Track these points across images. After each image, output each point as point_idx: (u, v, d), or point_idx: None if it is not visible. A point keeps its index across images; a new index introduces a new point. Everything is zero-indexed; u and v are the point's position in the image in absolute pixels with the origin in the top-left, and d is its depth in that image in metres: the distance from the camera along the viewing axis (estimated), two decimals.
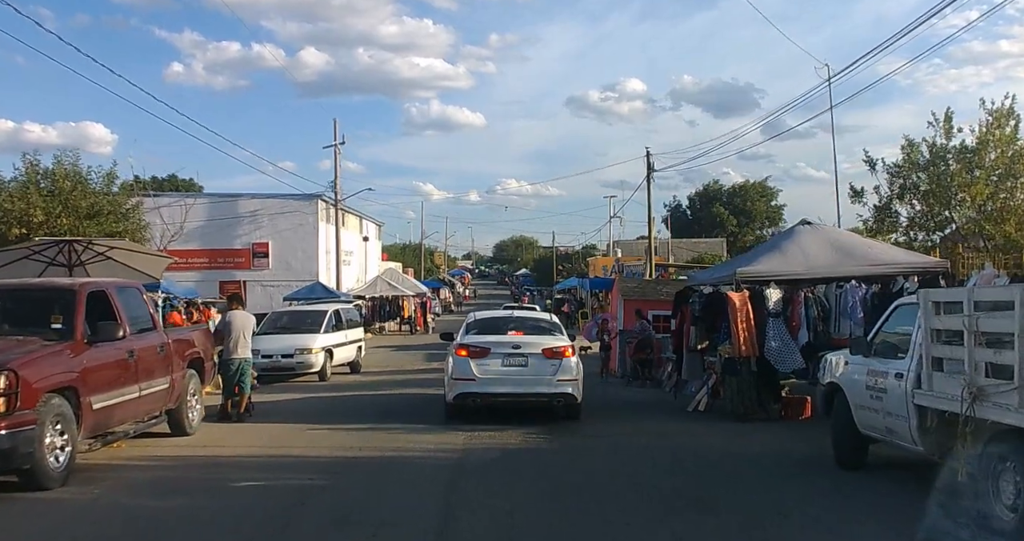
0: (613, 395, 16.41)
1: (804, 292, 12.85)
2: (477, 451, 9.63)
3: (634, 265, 46.14)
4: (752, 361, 12.43)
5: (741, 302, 12.43)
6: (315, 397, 15.89)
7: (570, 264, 76.02)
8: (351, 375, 21.28)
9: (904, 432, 7.36)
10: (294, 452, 9.74)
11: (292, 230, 40.58)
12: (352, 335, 21.74)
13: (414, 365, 23.71)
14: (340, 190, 39.57)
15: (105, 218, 20.95)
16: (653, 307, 20.36)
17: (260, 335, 20.05)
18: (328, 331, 20.30)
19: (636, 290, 21.05)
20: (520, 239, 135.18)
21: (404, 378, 20.24)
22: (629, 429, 11.69)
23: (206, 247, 40.54)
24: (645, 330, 19.17)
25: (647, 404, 14.84)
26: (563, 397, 11.88)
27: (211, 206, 40.74)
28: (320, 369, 19.38)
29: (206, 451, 9.73)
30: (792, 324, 12.73)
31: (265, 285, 40.06)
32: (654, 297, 20.81)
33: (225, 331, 12.76)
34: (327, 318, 20.49)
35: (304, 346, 19.24)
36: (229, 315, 13.14)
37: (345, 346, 21.03)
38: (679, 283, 22.07)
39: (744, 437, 10.83)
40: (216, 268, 40.55)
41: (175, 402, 10.42)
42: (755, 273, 12.65)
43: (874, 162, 19.53)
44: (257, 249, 40.78)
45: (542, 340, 12.26)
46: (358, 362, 22.11)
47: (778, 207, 77.87)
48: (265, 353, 19.05)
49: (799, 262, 12.79)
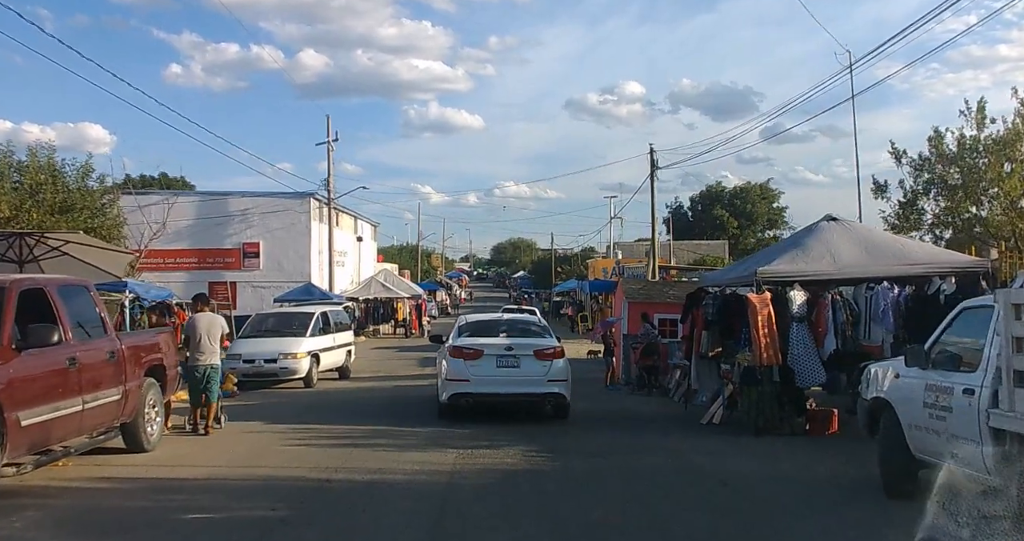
0: (618, 405, 15.25)
1: (831, 294, 11.68)
2: (468, 475, 8.45)
3: (635, 267, 44.97)
4: (774, 370, 11.27)
5: (762, 305, 11.27)
6: (297, 406, 14.70)
7: (569, 266, 74.80)
8: (339, 381, 20.12)
9: (974, 458, 6.17)
10: (261, 473, 8.55)
11: (284, 229, 39.36)
12: (341, 339, 20.57)
13: (406, 370, 22.53)
14: (333, 189, 38.36)
15: (78, 214, 19.73)
16: (659, 310, 19.20)
17: (243, 338, 18.99)
18: (315, 335, 19.13)
19: (641, 292, 19.89)
20: (518, 241, 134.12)
21: (394, 385, 19.08)
22: (639, 446, 10.50)
23: (195, 247, 39.36)
24: (650, 334, 18.01)
25: (655, 415, 13.68)
26: (554, 397, 12.20)
27: (200, 204, 39.56)
28: (305, 375, 18.22)
29: (161, 472, 8.54)
30: (818, 330, 11.57)
31: (256, 286, 38.84)
32: (660, 300, 19.65)
33: (189, 334, 11.60)
34: (314, 321, 19.31)
35: (288, 351, 18.06)
36: (193, 317, 11.96)
37: (333, 350, 19.85)
38: (687, 285, 20.92)
39: (770, 457, 9.66)
40: (205, 268, 39.30)
41: (130, 415, 9.23)
42: (778, 273, 11.49)
43: (900, 154, 18.33)
44: (248, 249, 39.56)
45: (533, 342, 12.56)
46: (347, 367, 20.94)
47: (780, 209, 76.78)
48: (247, 358, 17.94)
49: (826, 261, 11.63)
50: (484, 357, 12.06)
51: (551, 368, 12.14)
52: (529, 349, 12.21)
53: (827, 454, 9.77)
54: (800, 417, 11.47)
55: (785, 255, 11.99)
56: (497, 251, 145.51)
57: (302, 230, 39.51)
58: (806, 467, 8.98)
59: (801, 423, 11.45)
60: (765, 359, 11.16)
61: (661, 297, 19.75)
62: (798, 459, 9.47)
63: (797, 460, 9.38)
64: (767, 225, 74.99)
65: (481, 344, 12.34)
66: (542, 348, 12.33)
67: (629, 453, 9.92)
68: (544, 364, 12.12)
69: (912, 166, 17.99)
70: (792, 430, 11.31)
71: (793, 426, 11.38)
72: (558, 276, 72.08)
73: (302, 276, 38.47)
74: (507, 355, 12.12)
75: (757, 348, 11.18)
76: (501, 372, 12.04)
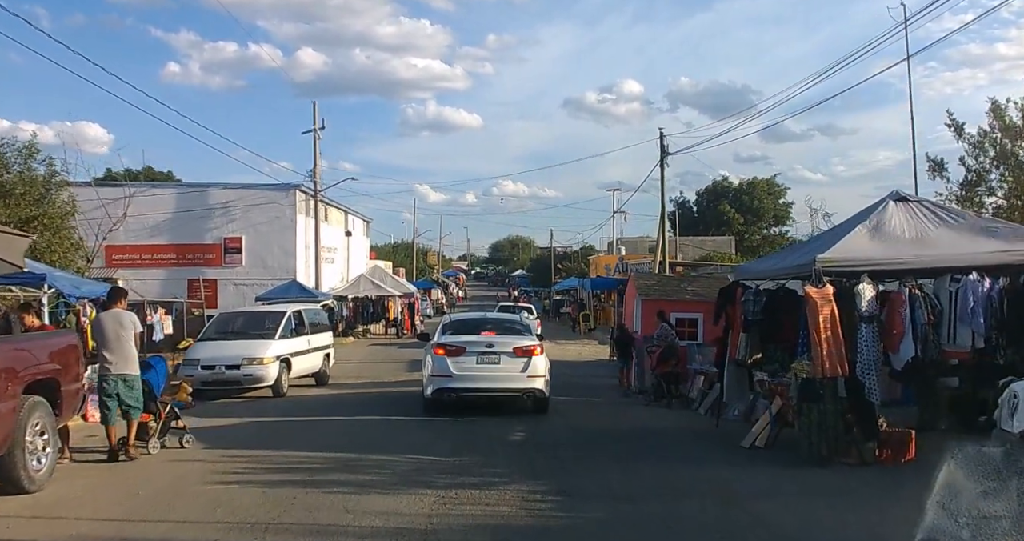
0: (636, 420, 12.93)
1: (908, 287, 9.35)
2: (448, 533, 6.11)
3: (640, 263, 42.59)
4: (839, 383, 8.97)
5: (823, 301, 8.96)
6: (254, 422, 12.37)
7: (570, 263, 72.40)
8: (315, 389, 17.79)
9: None
10: (158, 532, 6.21)
11: (268, 223, 36.99)
12: (317, 341, 18.22)
13: (392, 375, 20.18)
14: (320, 181, 35.99)
15: (17, 200, 17.37)
16: (676, 308, 16.93)
17: (203, 341, 16.67)
18: (285, 336, 16.79)
19: (656, 288, 17.58)
20: (516, 239, 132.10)
21: (376, 393, 16.77)
22: (674, 482, 8.17)
23: (173, 242, 37.04)
24: (668, 336, 15.70)
25: (683, 434, 11.35)
26: (532, 392, 12.66)
27: (179, 197, 37.29)
28: (274, 383, 15.89)
29: (28, 528, 6.22)
30: (892, 332, 9.26)
31: (238, 284, 36.51)
32: (677, 296, 17.36)
33: (95, 337, 9.30)
34: (284, 321, 16.96)
35: (253, 355, 15.72)
36: (99, 316, 9.68)
37: (307, 354, 17.50)
38: (706, 281, 18.62)
39: (846, 498, 7.35)
40: (184, 265, 37.00)
41: (1, 447, 6.92)
42: (844, 261, 9.18)
43: (960, 127, 16.00)
44: (229, 244, 37.19)
45: (513, 340, 12.95)
46: (325, 373, 18.60)
47: (786, 205, 74.52)
48: (206, 363, 15.64)
49: (901, 247, 9.35)
50: (466, 354, 12.53)
51: (529, 364, 12.54)
52: (509, 346, 12.63)
53: (914, 490, 7.46)
54: (871, 441, 9.14)
55: (848, 239, 9.66)
56: (495, 249, 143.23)
57: (287, 224, 37.15)
58: (896, 515, 6.65)
59: (872, 448, 9.13)
60: (828, 369, 8.86)
61: (678, 293, 17.45)
62: (882, 500, 7.16)
63: (881, 501, 7.06)
64: (773, 221, 72.78)
65: (463, 341, 12.82)
66: (521, 345, 12.73)
67: (662, 494, 7.58)
68: (523, 361, 12.54)
69: (970, 143, 15.62)
70: (862, 457, 8.99)
71: (863, 453, 9.05)
72: (558, 274, 69.69)
73: (287, 273, 36.14)
74: (487, 352, 12.58)
75: (818, 355, 8.87)
76: (482, 368, 12.50)
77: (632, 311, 17.52)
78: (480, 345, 12.68)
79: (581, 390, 17.57)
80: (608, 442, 10.57)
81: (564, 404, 14.90)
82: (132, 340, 9.09)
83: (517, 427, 11.67)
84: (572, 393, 17.00)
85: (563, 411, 13.93)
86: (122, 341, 9.00)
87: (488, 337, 13.06)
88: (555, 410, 13.73)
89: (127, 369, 9.03)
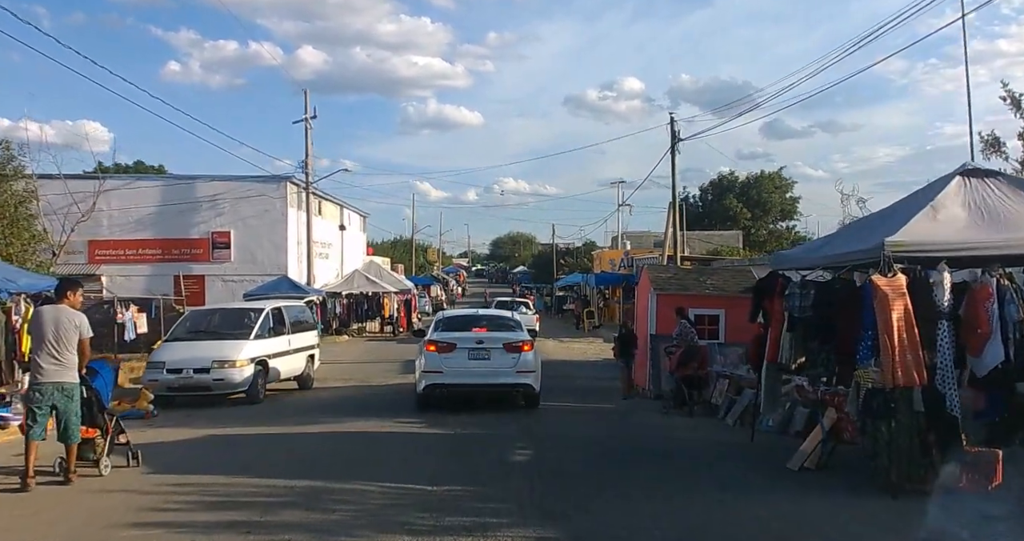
0: (655, 431, 11.30)
1: (995, 276, 7.69)
2: None
3: (646, 258, 40.90)
4: (915, 394, 7.33)
5: (895, 295, 7.30)
6: (214, 436, 10.72)
7: (572, 259, 70.64)
8: (297, 393, 16.22)
9: None
10: None
11: (257, 217, 35.37)
12: (299, 341, 16.58)
13: (383, 378, 18.57)
14: (312, 172, 34.32)
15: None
16: (695, 304, 15.31)
17: (170, 342, 15.07)
18: (263, 336, 15.16)
19: (673, 282, 15.92)
20: (517, 236, 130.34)
21: (363, 398, 15.18)
22: (722, 520, 6.52)
23: (159, 236, 35.45)
24: (688, 335, 14.08)
25: (715, 451, 9.71)
26: (522, 387, 12.81)
27: (165, 190, 35.64)
28: (248, 388, 14.29)
29: None
30: (976, 332, 7.60)
31: (226, 280, 34.93)
32: (697, 291, 15.72)
33: (32, 336, 7.70)
34: (262, 320, 15.32)
35: (224, 357, 14.10)
36: (38, 310, 8.06)
37: (288, 356, 15.88)
38: (728, 273, 16.98)
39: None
40: (171, 260, 35.43)
41: None
42: (918, 246, 7.51)
43: (1018, 100, 14.27)
44: (217, 239, 35.56)
45: (503, 335, 13.03)
46: (309, 376, 17.00)
47: (793, 199, 72.78)
48: (172, 367, 14.04)
49: (984, 229, 7.69)
50: (457, 350, 12.66)
51: (519, 360, 12.64)
52: (499, 342, 12.74)
53: (1012, 524, 5.83)
54: (953, 464, 7.48)
55: (916, 221, 7.97)
56: (496, 246, 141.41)
57: (277, 217, 35.52)
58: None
59: (954, 472, 7.47)
60: (901, 378, 7.21)
61: (697, 287, 15.81)
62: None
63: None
64: (780, 216, 71.09)
65: (454, 338, 12.90)
66: (511, 341, 12.81)
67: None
68: (513, 356, 12.64)
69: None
70: (942, 484, 7.33)
71: (944, 478, 7.40)
72: (560, 269, 67.97)
73: (278, 269, 34.57)
74: (478, 348, 12.70)
75: (888, 361, 7.21)
76: (473, 364, 12.61)
77: (646, 307, 15.89)
78: (470, 341, 12.79)
79: (589, 394, 15.95)
80: (629, 463, 8.94)
81: (572, 412, 13.29)
82: (75, 344, 7.47)
83: (518, 443, 10.07)
84: (580, 397, 15.37)
85: (571, 421, 12.35)
86: (63, 343, 7.39)
87: (479, 333, 13.13)
88: (562, 419, 12.15)
89: (66, 377, 7.42)
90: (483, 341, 12.79)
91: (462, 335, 13.00)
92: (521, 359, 12.64)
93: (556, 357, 24.89)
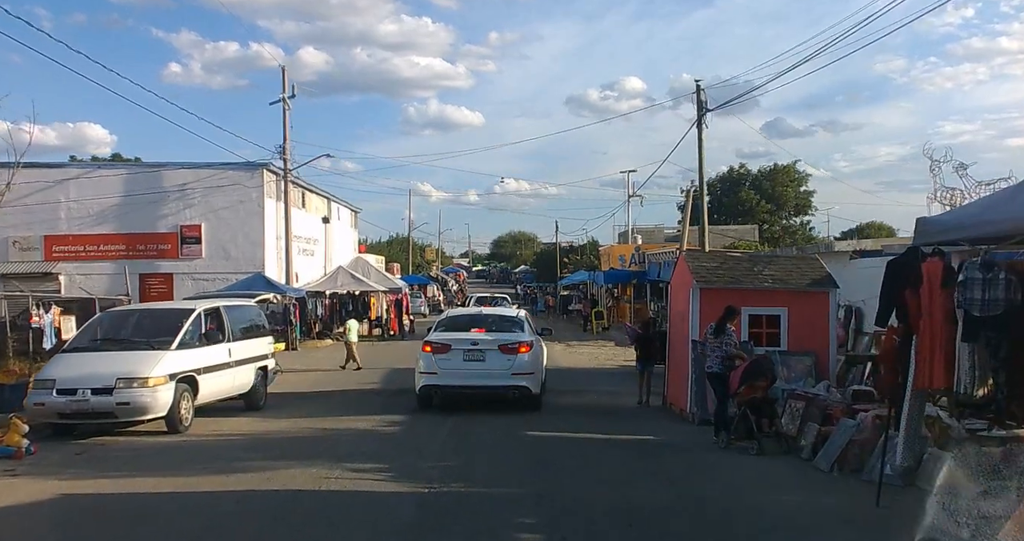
0: (720, 479, 7.84)
1: None
2: None
3: (660, 253, 37.37)
4: None
5: None
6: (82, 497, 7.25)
7: (578, 256, 66.99)
8: (241, 417, 12.73)
9: None
10: None
11: (231, 208, 31.85)
12: (246, 351, 13.10)
13: (356, 398, 15.05)
14: (290, 158, 30.80)
15: None
16: (750, 301, 11.87)
17: (67, 354, 11.62)
18: (191, 345, 11.70)
19: (721, 273, 12.42)
20: (519, 235, 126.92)
21: (323, 428, 11.66)
22: None
23: (122, 231, 31.97)
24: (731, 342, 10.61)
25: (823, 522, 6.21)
26: (518, 389, 12.49)
27: (129, 179, 32.15)
28: (167, 413, 10.84)
29: None
30: None
31: (197, 278, 31.47)
32: (751, 284, 12.25)
33: None
34: (189, 325, 11.80)
35: (133, 374, 10.65)
36: None
37: (227, 370, 12.42)
38: (795, 261, 13.55)
39: None
40: (136, 257, 31.91)
41: None
42: None
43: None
44: (187, 233, 32.06)
45: (500, 337, 12.77)
46: (259, 393, 13.52)
47: (808, 193, 69.28)
48: (64, 386, 10.68)
49: None
50: (452, 351, 12.47)
51: (515, 362, 12.40)
52: (495, 344, 12.52)
53: None
54: None
55: None
56: (497, 245, 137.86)
57: (253, 209, 31.97)
58: None
59: None
60: None
61: (753, 280, 12.32)
62: None
63: None
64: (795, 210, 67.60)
65: (449, 339, 12.73)
66: (507, 342, 12.57)
67: None
68: (509, 358, 12.40)
69: None
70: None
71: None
72: (564, 268, 64.42)
73: (255, 265, 31.10)
74: (473, 349, 12.48)
75: None
76: (468, 366, 12.43)
77: (685, 305, 12.39)
78: (466, 342, 12.59)
79: (615, 417, 12.57)
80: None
81: (599, 451, 9.83)
82: None
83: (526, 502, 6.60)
84: (605, 422, 11.95)
85: (597, 458, 8.95)
86: None
87: (476, 334, 12.86)
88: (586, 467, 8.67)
89: None
90: (478, 342, 12.57)
91: (459, 336, 12.80)
92: (517, 361, 12.38)
93: (563, 364, 21.46)
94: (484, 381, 12.44)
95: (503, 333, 13.01)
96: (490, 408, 12.56)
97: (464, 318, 14.33)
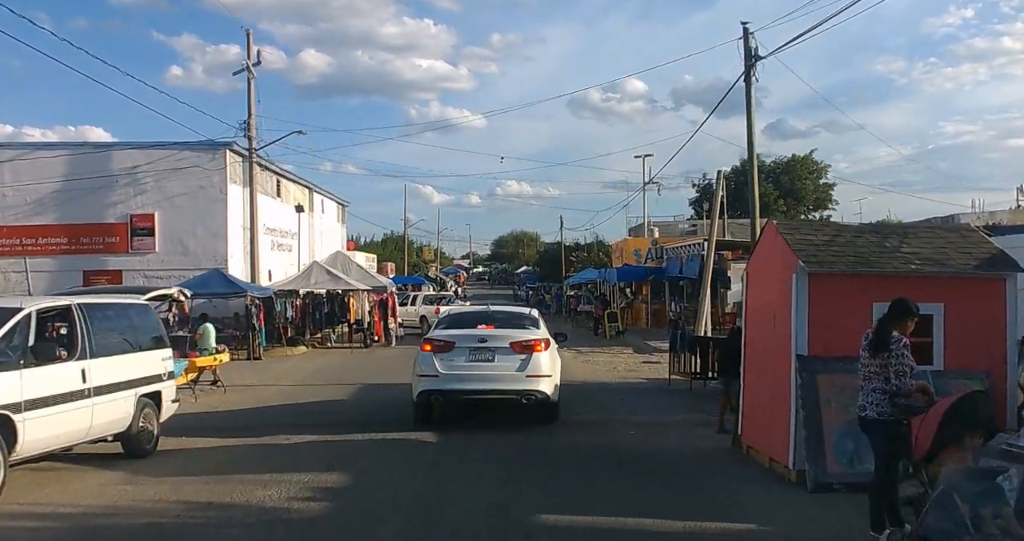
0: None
1: None
2: None
3: (680, 247, 32.96)
4: None
5: None
6: None
7: (585, 253, 62.53)
8: (98, 472, 8.39)
9: None
10: None
11: (188, 195, 27.68)
12: (114, 372, 8.74)
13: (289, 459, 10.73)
14: (256, 136, 26.42)
15: None
16: (885, 292, 7.39)
17: None
18: (7, 366, 7.35)
19: (838, 250, 8.02)
20: (521, 234, 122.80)
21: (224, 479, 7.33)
22: None
23: (64, 222, 27.84)
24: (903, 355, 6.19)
25: None
26: (533, 394, 10.87)
27: (71, 161, 27.89)
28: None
29: None
30: None
31: (149, 275, 27.24)
32: (892, 268, 7.88)
33: None
34: (4, 333, 7.46)
35: None
36: None
37: (77, 402, 8.07)
38: (954, 235, 9.21)
39: None
40: (80, 252, 27.85)
41: None
42: None
43: None
44: (138, 224, 27.88)
45: (511, 333, 11.30)
46: (144, 432, 9.24)
47: (827, 186, 64.82)
48: None
49: None
50: (455, 350, 10.99)
51: (530, 362, 10.84)
52: (505, 341, 10.99)
53: None
54: None
55: None
56: (498, 245, 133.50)
57: (215, 196, 27.80)
58: None
59: None
60: None
61: (888, 260, 7.95)
62: None
63: None
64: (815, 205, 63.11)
65: (453, 335, 11.26)
66: (519, 340, 11.04)
67: None
68: (522, 357, 10.87)
69: None
70: None
71: None
72: (570, 266, 60.00)
73: (215, 260, 26.91)
74: (480, 347, 10.98)
75: None
76: (473, 366, 10.93)
77: (782, 299, 8.06)
78: (472, 340, 10.99)
79: (671, 472, 8.18)
80: None
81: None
82: None
83: None
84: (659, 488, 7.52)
85: None
86: None
87: (483, 331, 11.24)
88: None
89: None
90: (486, 339, 11.01)
91: (463, 333, 11.27)
92: (532, 361, 10.81)
93: (577, 376, 17.18)
94: (493, 385, 10.89)
95: (514, 330, 11.43)
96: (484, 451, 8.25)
97: (470, 314, 12.75)
